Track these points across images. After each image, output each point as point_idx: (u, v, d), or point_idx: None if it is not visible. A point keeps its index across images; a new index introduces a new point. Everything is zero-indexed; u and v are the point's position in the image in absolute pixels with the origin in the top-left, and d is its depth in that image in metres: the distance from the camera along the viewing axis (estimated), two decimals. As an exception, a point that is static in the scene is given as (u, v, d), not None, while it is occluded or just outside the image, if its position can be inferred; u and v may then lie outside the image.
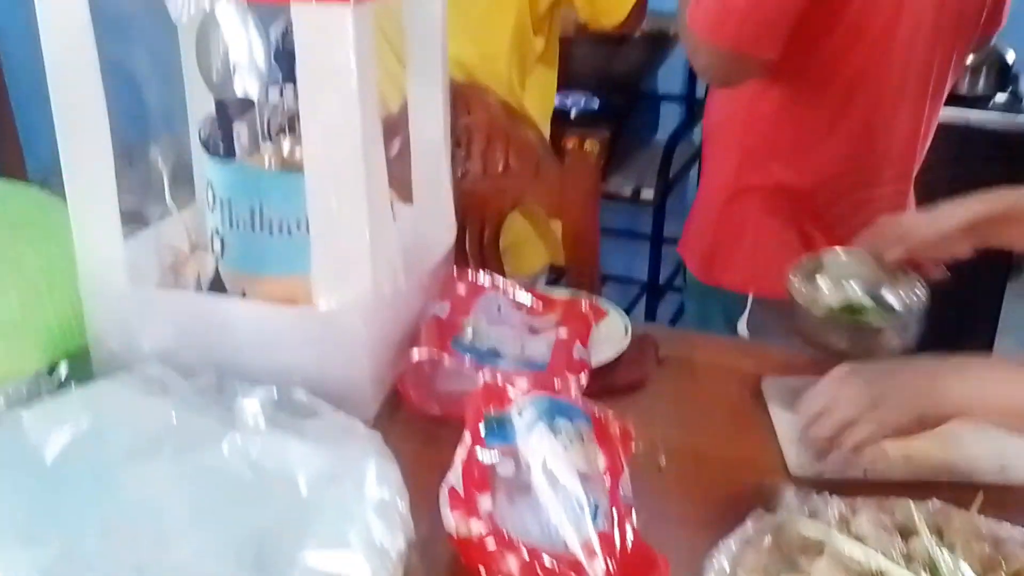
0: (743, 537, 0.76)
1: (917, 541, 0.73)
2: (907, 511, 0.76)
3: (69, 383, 0.94)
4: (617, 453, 0.81)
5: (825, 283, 1.06)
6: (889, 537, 0.73)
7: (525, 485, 0.77)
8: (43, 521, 0.70)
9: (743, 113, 1.34)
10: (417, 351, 0.98)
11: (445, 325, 1.04)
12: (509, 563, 0.72)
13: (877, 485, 0.86)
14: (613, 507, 0.76)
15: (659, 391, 1.07)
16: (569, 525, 0.74)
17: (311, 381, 0.87)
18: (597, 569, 0.72)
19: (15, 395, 0.91)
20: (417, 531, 0.74)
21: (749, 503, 0.80)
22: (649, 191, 2.32)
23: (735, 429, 1.01)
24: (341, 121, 0.86)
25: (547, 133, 1.59)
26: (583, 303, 1.16)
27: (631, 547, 0.74)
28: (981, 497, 0.80)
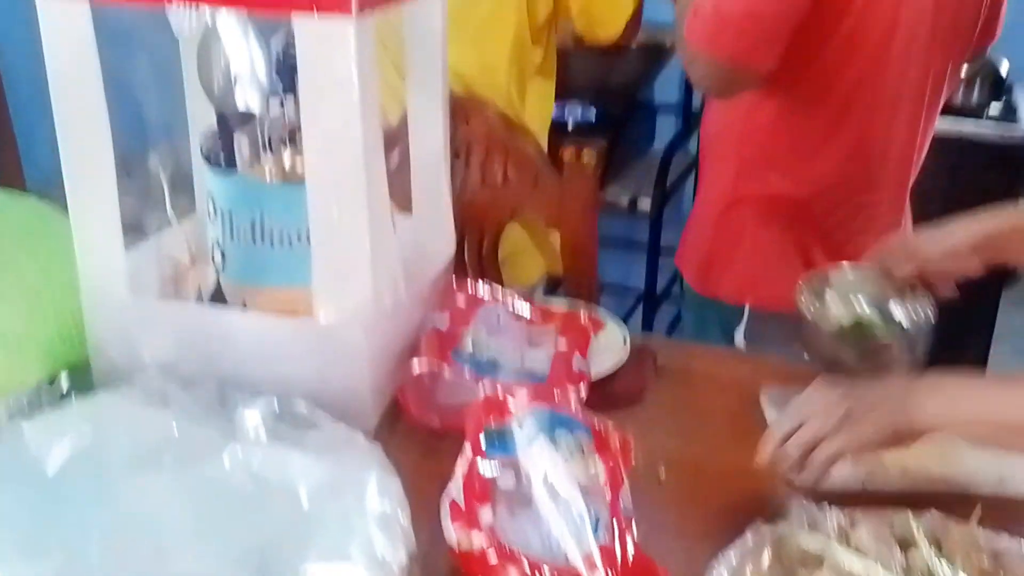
0: (743, 549, 0.76)
1: (916, 553, 0.74)
2: (906, 523, 0.76)
3: (70, 395, 0.94)
4: (617, 465, 0.81)
5: (834, 300, 1.06)
6: (888, 549, 0.73)
7: (526, 497, 0.77)
8: (44, 533, 0.70)
9: (740, 124, 1.35)
10: (417, 362, 0.98)
11: (445, 336, 1.04)
12: (510, 576, 0.72)
13: (875, 496, 0.86)
14: (614, 519, 0.76)
15: (658, 402, 1.08)
16: (570, 538, 0.74)
17: (311, 392, 0.87)
18: (598, 581, 0.72)
19: (16, 407, 0.90)
20: (418, 543, 0.74)
21: (749, 514, 0.81)
22: (646, 201, 2.33)
23: (734, 440, 1.00)
24: (343, 133, 0.86)
25: (545, 144, 1.60)
26: (582, 314, 1.16)
27: (632, 560, 0.74)
28: (980, 509, 0.80)
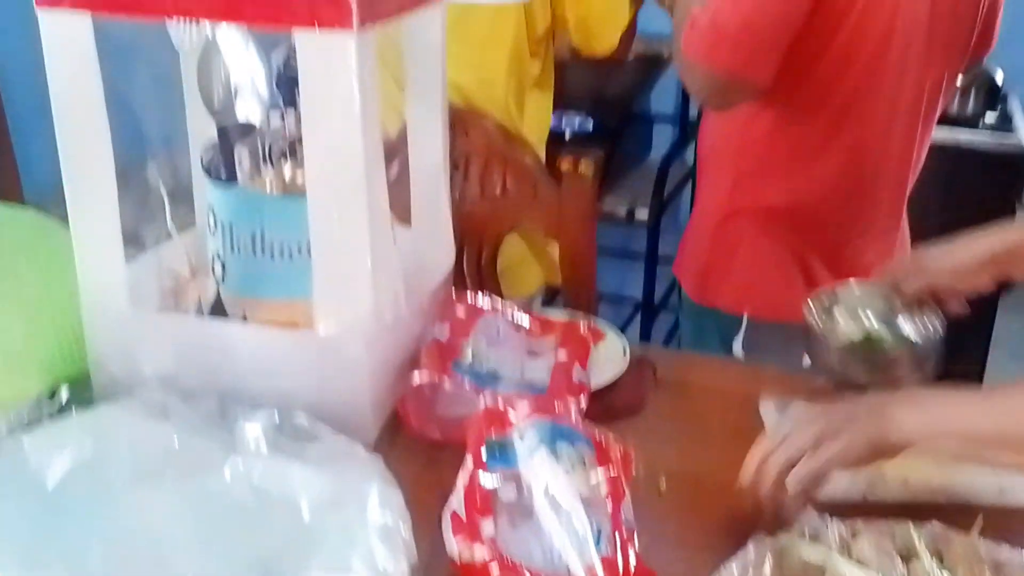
0: (744, 560, 0.76)
1: (918, 564, 0.74)
2: (907, 534, 0.76)
3: (70, 407, 0.94)
4: (619, 477, 0.81)
5: (843, 316, 1.06)
6: (890, 560, 0.73)
7: (527, 510, 0.77)
8: (45, 546, 0.70)
9: (737, 135, 1.36)
10: (418, 374, 0.98)
11: (445, 348, 1.04)
12: (512, 588, 0.72)
13: (876, 507, 0.86)
14: (615, 531, 0.76)
15: (657, 413, 1.08)
16: (572, 550, 0.74)
17: (312, 405, 0.88)
18: (600, 594, 0.72)
19: (16, 420, 0.90)
20: (419, 556, 0.74)
21: (750, 525, 0.80)
22: (644, 211, 2.33)
23: (734, 450, 1.00)
24: (343, 146, 0.86)
25: (543, 155, 1.60)
26: (582, 325, 1.16)
27: (634, 571, 0.74)
28: (981, 520, 0.80)
